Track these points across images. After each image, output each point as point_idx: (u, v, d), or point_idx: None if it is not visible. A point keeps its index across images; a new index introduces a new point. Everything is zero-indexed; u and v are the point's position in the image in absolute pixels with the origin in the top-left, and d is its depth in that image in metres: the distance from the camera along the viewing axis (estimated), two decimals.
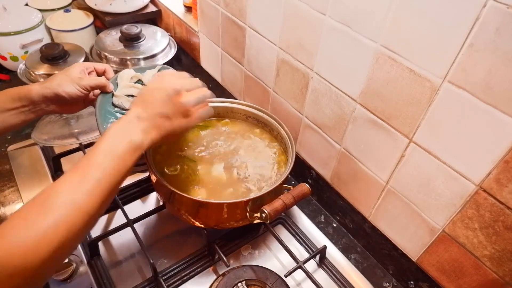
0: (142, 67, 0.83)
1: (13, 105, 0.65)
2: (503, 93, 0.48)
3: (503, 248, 0.57)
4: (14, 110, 0.65)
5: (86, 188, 0.47)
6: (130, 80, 0.78)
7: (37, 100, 0.66)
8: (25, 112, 0.67)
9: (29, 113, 0.67)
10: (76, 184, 0.47)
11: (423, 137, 0.61)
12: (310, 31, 0.74)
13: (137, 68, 0.81)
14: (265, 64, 0.92)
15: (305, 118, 0.87)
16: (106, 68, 0.75)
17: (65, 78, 0.68)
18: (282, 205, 0.67)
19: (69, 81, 0.68)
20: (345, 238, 0.87)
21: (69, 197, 0.45)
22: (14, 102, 0.65)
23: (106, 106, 0.72)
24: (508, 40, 0.46)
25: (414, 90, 0.59)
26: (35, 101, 0.66)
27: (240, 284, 0.71)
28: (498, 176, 0.53)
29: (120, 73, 0.77)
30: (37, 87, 0.66)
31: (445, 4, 0.50)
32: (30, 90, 0.66)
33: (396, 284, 0.79)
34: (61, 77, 0.68)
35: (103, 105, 0.72)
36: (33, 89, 0.66)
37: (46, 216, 0.43)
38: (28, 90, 0.66)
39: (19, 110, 0.66)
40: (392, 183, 0.71)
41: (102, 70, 0.75)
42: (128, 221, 0.76)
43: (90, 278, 0.71)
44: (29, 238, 0.41)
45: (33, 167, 0.93)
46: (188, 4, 1.23)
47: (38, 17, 1.22)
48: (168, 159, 0.80)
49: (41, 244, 0.41)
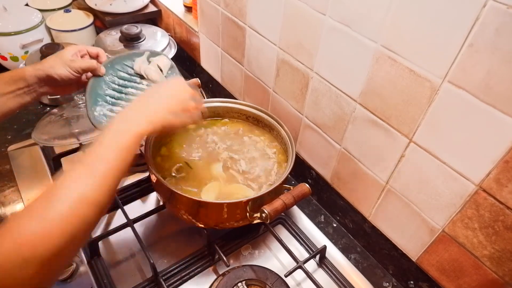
0: (132, 54, 0.82)
1: (9, 89, 0.66)
2: (503, 93, 0.48)
3: (503, 248, 0.57)
4: (10, 93, 0.67)
5: (93, 181, 0.48)
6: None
7: (31, 81, 0.68)
8: (21, 94, 0.68)
9: (24, 96, 0.68)
10: (83, 177, 0.48)
11: (423, 137, 0.61)
12: (310, 31, 0.74)
13: (129, 54, 0.81)
14: (265, 64, 0.92)
15: (305, 118, 0.87)
16: (99, 51, 0.76)
17: (57, 60, 0.70)
18: (282, 205, 0.67)
19: (61, 63, 0.69)
20: (345, 238, 0.87)
21: (76, 190, 0.46)
22: (9, 85, 0.66)
23: (97, 89, 0.72)
24: (508, 40, 0.46)
25: (414, 90, 0.59)
26: (29, 83, 0.68)
27: (240, 284, 0.71)
28: (498, 176, 0.53)
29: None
30: (30, 69, 0.68)
31: (445, 4, 0.50)
32: (23, 71, 0.68)
33: (396, 284, 0.79)
34: (53, 59, 0.70)
35: (93, 88, 0.72)
36: (26, 70, 0.68)
37: (54, 208, 0.43)
38: (22, 72, 0.67)
39: (15, 93, 0.67)
40: (392, 183, 0.71)
41: (95, 54, 0.76)
42: (128, 221, 0.76)
43: (90, 278, 0.71)
44: (37, 229, 0.41)
45: (33, 167, 0.93)
46: (188, 4, 1.23)
47: (38, 17, 1.22)
48: (168, 160, 0.80)
49: (50, 235, 0.41)
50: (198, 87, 0.83)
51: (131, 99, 0.72)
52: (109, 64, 0.75)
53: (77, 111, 0.92)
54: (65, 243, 0.42)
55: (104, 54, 0.77)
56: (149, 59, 0.81)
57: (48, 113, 0.91)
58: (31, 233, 0.40)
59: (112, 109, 0.70)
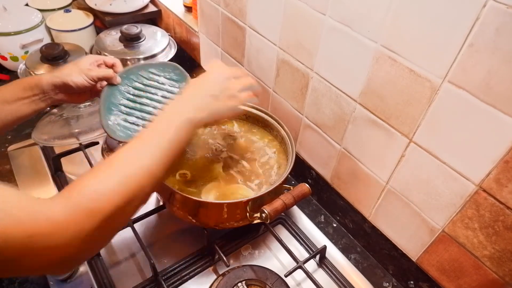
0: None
1: (25, 94, 0.68)
2: (503, 93, 0.48)
3: (503, 248, 0.57)
4: (25, 99, 0.68)
5: (150, 151, 0.51)
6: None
7: (47, 88, 0.70)
8: (36, 101, 0.70)
9: (39, 102, 0.70)
10: (140, 148, 0.52)
11: (423, 137, 0.61)
12: (310, 31, 0.74)
13: (145, 65, 0.80)
14: (265, 64, 0.92)
15: (305, 118, 0.87)
16: (115, 62, 0.78)
17: (74, 68, 0.71)
18: (282, 205, 0.67)
19: (78, 71, 0.71)
20: (345, 238, 0.87)
21: (134, 159, 0.50)
22: (25, 91, 0.68)
23: (111, 98, 0.72)
24: (508, 40, 0.46)
25: (414, 90, 0.59)
26: (45, 90, 0.70)
27: (240, 284, 0.71)
28: (498, 176, 0.53)
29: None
30: (47, 76, 0.70)
31: (445, 4, 0.50)
32: (40, 79, 0.69)
33: (396, 284, 0.79)
34: (71, 68, 0.72)
35: (108, 96, 0.72)
36: (43, 78, 0.70)
37: (116, 172, 0.47)
38: (38, 79, 0.69)
39: (30, 99, 0.69)
40: (392, 183, 0.71)
41: (111, 64, 0.77)
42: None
43: (90, 278, 0.71)
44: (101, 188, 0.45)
45: (33, 167, 0.93)
46: (188, 4, 1.23)
47: (38, 17, 1.22)
48: None
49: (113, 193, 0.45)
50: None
51: (145, 110, 0.72)
52: (124, 74, 0.75)
53: (77, 111, 0.93)
54: (123, 203, 0.46)
55: (120, 64, 0.78)
56: (164, 74, 0.80)
57: (48, 113, 0.91)
58: (95, 190, 0.44)
59: (127, 119, 0.70)
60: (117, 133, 0.67)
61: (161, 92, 0.75)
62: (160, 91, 0.75)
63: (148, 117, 0.71)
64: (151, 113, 0.72)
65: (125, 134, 0.68)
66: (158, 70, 0.79)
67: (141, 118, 0.71)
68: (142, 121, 0.71)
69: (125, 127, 0.69)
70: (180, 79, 0.78)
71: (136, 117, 0.71)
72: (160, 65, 0.80)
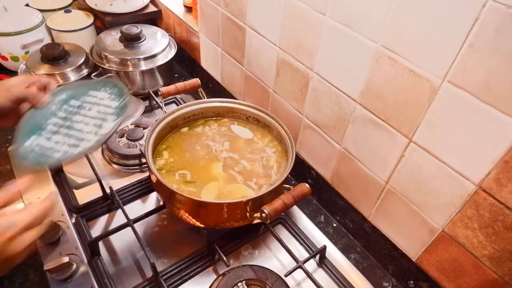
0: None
1: None
2: (503, 93, 0.48)
3: (503, 248, 0.57)
4: None
5: None
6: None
7: None
8: None
9: None
10: None
11: (422, 137, 0.61)
12: (310, 31, 0.74)
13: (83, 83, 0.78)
14: (265, 64, 0.92)
15: (305, 118, 0.87)
16: (48, 83, 0.73)
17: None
18: (282, 205, 0.67)
19: (1, 90, 0.66)
20: (345, 238, 0.87)
21: None
22: None
23: (35, 119, 0.69)
24: (508, 40, 0.46)
25: (414, 90, 0.59)
26: None
27: (240, 284, 0.71)
28: (497, 176, 0.53)
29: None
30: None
31: (444, 4, 0.50)
32: None
33: (396, 284, 0.79)
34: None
35: (30, 118, 0.69)
36: None
37: None
38: None
39: None
40: (392, 183, 0.71)
41: (43, 85, 0.73)
42: (128, 221, 0.77)
43: (91, 278, 0.71)
44: None
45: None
46: (188, 4, 1.23)
47: (39, 17, 1.22)
48: (169, 162, 0.80)
49: None
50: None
51: (75, 127, 0.69)
52: (59, 92, 0.74)
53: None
54: None
55: (53, 85, 0.74)
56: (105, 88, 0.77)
57: None
58: None
59: (50, 138, 0.68)
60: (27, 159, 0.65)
61: (97, 107, 0.73)
62: (97, 107, 0.73)
63: (76, 134, 0.69)
64: (82, 131, 0.69)
65: (39, 158, 0.65)
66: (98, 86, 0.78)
67: (68, 136, 0.68)
68: (68, 139, 0.68)
69: (45, 148, 0.66)
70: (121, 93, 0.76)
71: (63, 135, 0.68)
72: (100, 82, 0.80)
